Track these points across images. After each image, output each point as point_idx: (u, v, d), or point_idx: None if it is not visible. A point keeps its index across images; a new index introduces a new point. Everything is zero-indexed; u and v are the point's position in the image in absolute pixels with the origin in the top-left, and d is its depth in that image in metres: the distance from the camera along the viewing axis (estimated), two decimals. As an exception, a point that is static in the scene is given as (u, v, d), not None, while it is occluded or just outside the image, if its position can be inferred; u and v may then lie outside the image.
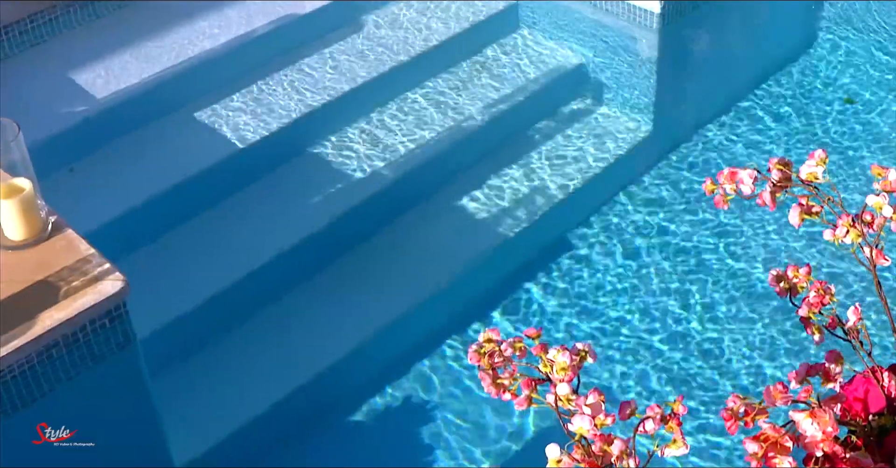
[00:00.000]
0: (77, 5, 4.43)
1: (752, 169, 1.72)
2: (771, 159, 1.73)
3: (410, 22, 4.60)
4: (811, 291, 1.69)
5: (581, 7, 4.56)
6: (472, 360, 1.57)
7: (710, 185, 1.75)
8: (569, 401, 1.49)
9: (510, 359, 1.56)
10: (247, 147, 3.98)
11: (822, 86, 4.74)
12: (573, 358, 1.52)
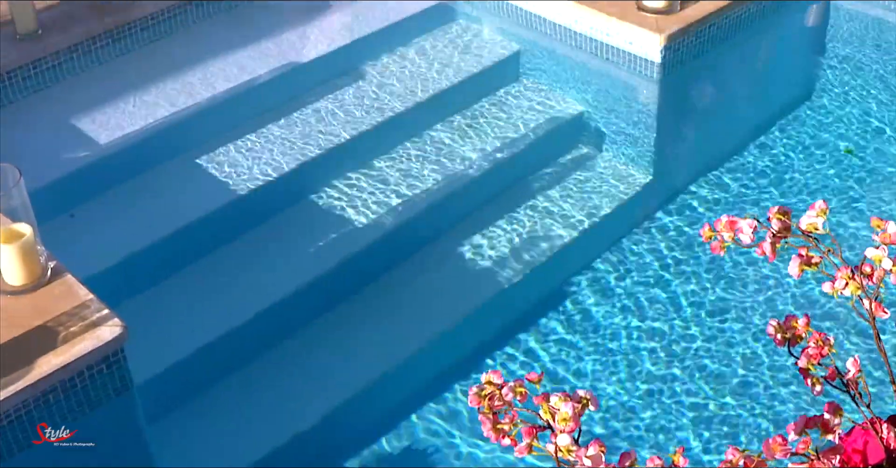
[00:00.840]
0: (80, 52, 4.46)
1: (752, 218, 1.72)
2: (771, 209, 1.73)
3: (412, 70, 4.63)
4: (810, 342, 1.69)
5: (582, 56, 4.59)
6: (472, 403, 1.56)
7: (708, 232, 1.75)
8: (569, 451, 1.48)
9: (511, 404, 1.56)
10: (247, 193, 3.98)
11: (822, 135, 4.75)
12: (575, 406, 1.52)
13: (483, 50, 4.76)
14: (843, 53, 5.15)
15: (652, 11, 4.41)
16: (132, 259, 3.71)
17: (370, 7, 4.98)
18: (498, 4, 4.81)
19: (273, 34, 4.71)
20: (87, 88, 4.41)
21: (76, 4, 4.64)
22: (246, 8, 4.89)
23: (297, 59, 4.55)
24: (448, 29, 4.90)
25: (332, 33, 4.75)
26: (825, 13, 5.25)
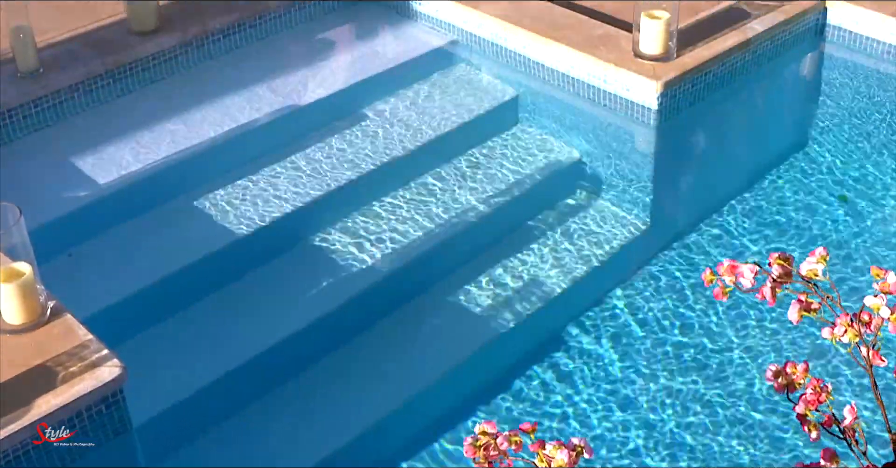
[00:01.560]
0: (80, 91, 4.49)
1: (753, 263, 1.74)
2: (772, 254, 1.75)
3: (411, 114, 4.66)
4: (808, 389, 1.70)
5: (579, 102, 4.63)
6: (467, 454, 1.57)
7: (710, 276, 1.77)
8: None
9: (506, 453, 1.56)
10: (247, 235, 3.99)
11: (817, 182, 4.78)
12: (570, 454, 1.53)
13: (482, 95, 4.79)
14: (838, 102, 5.18)
15: (649, 58, 4.45)
16: (132, 299, 3.72)
17: (370, 51, 5.02)
18: (497, 50, 4.85)
19: (273, 77, 4.75)
20: (88, 128, 4.44)
21: (77, 43, 4.68)
22: (247, 50, 4.93)
23: (296, 101, 4.58)
24: (447, 74, 4.94)
25: (331, 77, 4.79)
26: (820, 63, 5.29)
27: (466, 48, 4.98)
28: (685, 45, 4.55)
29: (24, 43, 4.41)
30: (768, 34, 4.80)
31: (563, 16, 4.80)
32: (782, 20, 4.84)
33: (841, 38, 5.08)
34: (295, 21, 5.08)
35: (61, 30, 4.85)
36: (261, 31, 4.98)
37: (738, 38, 4.68)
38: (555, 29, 4.69)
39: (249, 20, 4.93)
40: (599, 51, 4.53)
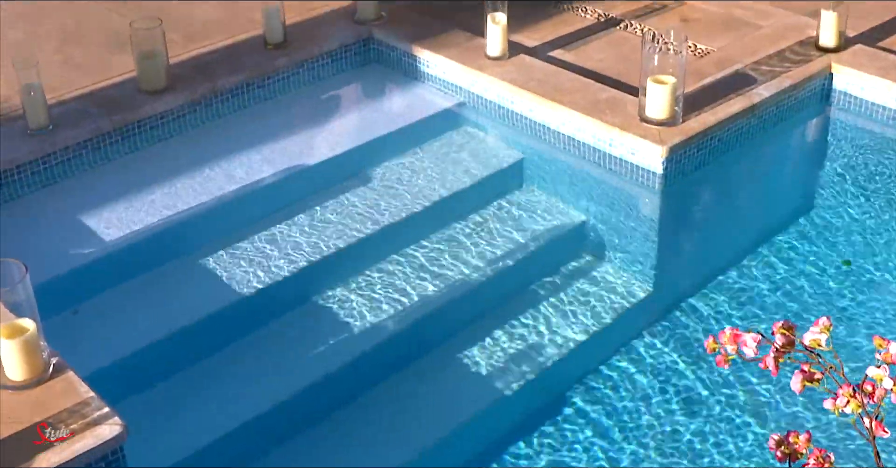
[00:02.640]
0: (89, 148, 4.52)
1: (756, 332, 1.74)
2: (775, 323, 1.75)
3: (417, 175, 4.68)
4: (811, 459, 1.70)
5: (585, 165, 4.65)
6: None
7: (713, 344, 1.77)
8: None
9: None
10: (250, 295, 4.00)
11: (821, 247, 4.78)
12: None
13: (487, 157, 4.81)
14: (844, 167, 5.19)
15: (654, 123, 4.47)
16: (134, 357, 3.72)
17: (377, 112, 5.06)
18: (503, 112, 4.88)
19: (281, 136, 4.78)
20: (95, 185, 4.46)
21: (87, 101, 4.72)
22: (255, 110, 4.97)
23: (303, 161, 4.60)
24: (454, 135, 4.96)
25: (338, 137, 4.81)
26: (826, 128, 5.31)
27: (473, 110, 5.01)
28: (691, 110, 4.57)
29: (34, 100, 4.45)
30: (774, 100, 4.82)
31: (570, 79, 4.83)
32: (788, 86, 4.87)
33: (846, 104, 5.10)
34: (303, 81, 5.13)
35: (71, 87, 4.90)
36: (269, 91, 5.03)
37: (744, 104, 4.70)
38: (561, 92, 4.72)
39: (258, 80, 4.98)
40: (605, 115, 4.55)
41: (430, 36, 5.22)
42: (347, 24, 5.36)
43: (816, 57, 5.08)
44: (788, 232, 4.89)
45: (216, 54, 5.14)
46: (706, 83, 4.85)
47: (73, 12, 5.78)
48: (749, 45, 5.21)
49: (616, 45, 5.31)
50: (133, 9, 5.73)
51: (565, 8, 5.72)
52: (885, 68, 4.97)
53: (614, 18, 5.59)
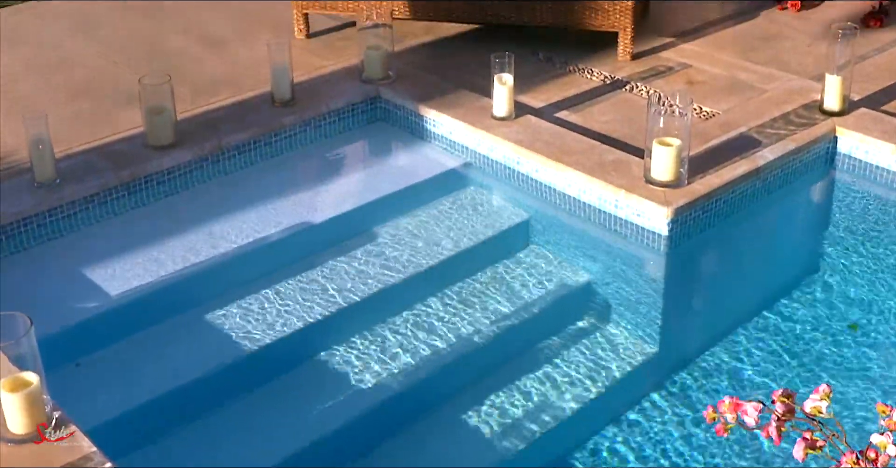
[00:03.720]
0: (95, 202, 4.54)
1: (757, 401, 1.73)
2: (774, 392, 1.74)
3: (422, 235, 4.68)
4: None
5: (590, 226, 4.66)
6: None
7: (712, 414, 1.77)
8: None
9: None
10: (255, 351, 3.98)
11: (826, 311, 4.78)
12: None
13: (493, 217, 4.82)
14: (849, 230, 5.20)
15: (660, 185, 4.49)
16: (138, 412, 3.70)
17: (383, 170, 5.08)
18: (509, 173, 4.90)
19: (287, 193, 4.79)
20: (101, 239, 4.47)
21: (94, 155, 4.75)
22: (261, 166, 4.99)
23: (309, 218, 4.61)
24: (459, 195, 4.97)
25: (344, 195, 4.82)
26: (830, 191, 5.33)
27: (479, 170, 5.03)
28: (696, 172, 4.59)
29: (42, 154, 4.47)
30: (779, 162, 4.84)
31: (576, 140, 4.86)
32: (793, 149, 4.89)
33: (851, 167, 5.12)
34: (309, 139, 5.15)
35: (79, 141, 4.93)
36: (275, 148, 5.05)
37: (749, 166, 4.72)
38: (567, 153, 4.74)
39: (264, 137, 5.00)
40: (611, 176, 4.57)
41: (437, 96, 5.25)
42: (355, 83, 5.40)
43: (821, 120, 5.11)
44: (794, 295, 4.88)
45: (224, 111, 5.18)
46: (711, 145, 4.87)
47: (83, 67, 5.83)
48: (754, 108, 5.25)
49: (622, 107, 5.35)
50: (143, 64, 5.79)
51: (571, 70, 5.77)
52: (889, 132, 4.99)
53: (620, 80, 5.63)
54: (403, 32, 6.07)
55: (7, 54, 6.03)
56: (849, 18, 6.38)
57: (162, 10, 6.66)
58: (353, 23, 5.71)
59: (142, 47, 6.09)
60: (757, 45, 6.08)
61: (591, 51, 5.93)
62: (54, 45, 6.16)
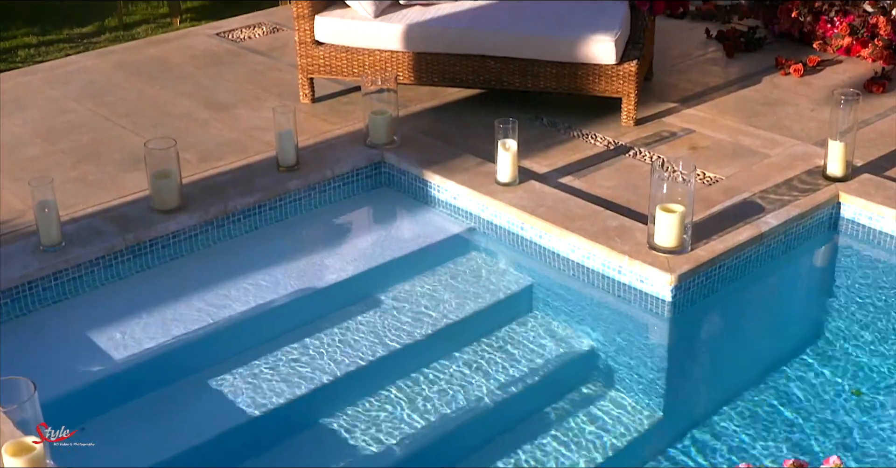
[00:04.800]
0: (101, 265, 4.56)
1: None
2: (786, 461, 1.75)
3: (425, 300, 4.68)
4: None
5: (593, 292, 4.67)
6: None
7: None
8: None
9: None
10: (258, 417, 3.97)
11: (831, 376, 4.76)
12: None
13: (497, 282, 4.82)
14: (853, 296, 5.20)
15: (663, 251, 4.50)
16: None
17: (387, 236, 5.09)
18: (513, 238, 4.92)
19: (292, 258, 4.82)
20: (106, 302, 4.49)
21: (100, 219, 4.78)
22: (266, 231, 5.01)
23: (313, 284, 4.62)
24: (464, 260, 4.98)
25: (348, 260, 4.83)
26: (834, 256, 5.34)
27: (483, 235, 5.05)
28: (699, 238, 4.60)
29: (48, 217, 4.50)
30: (782, 228, 4.86)
31: (579, 206, 4.88)
32: (796, 214, 4.91)
33: (855, 233, 5.13)
34: (314, 204, 5.18)
35: (85, 205, 4.97)
36: (280, 213, 5.07)
37: (752, 232, 4.73)
38: (571, 219, 4.76)
39: (270, 202, 5.03)
40: (615, 242, 4.58)
41: (441, 161, 5.28)
42: (360, 148, 5.43)
43: (824, 186, 5.13)
44: (798, 360, 4.87)
45: (229, 175, 5.21)
46: (715, 211, 4.90)
47: (89, 130, 5.87)
48: (757, 173, 5.27)
49: (625, 173, 5.37)
50: (149, 128, 5.83)
51: (575, 135, 5.80)
52: (892, 198, 5.02)
53: (623, 146, 5.66)
54: (408, 97, 6.11)
55: (15, 117, 6.08)
56: (851, 83, 6.43)
57: (168, 74, 6.71)
58: (358, 87, 5.75)
59: (148, 111, 6.13)
60: (760, 110, 6.11)
61: (595, 116, 5.97)
62: (61, 108, 6.21)
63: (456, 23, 5.90)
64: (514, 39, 5.76)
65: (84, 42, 8.50)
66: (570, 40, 5.69)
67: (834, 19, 6.94)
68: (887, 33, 6.71)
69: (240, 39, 7.31)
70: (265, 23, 7.59)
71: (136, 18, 9.10)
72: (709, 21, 7.53)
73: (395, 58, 5.90)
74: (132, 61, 6.97)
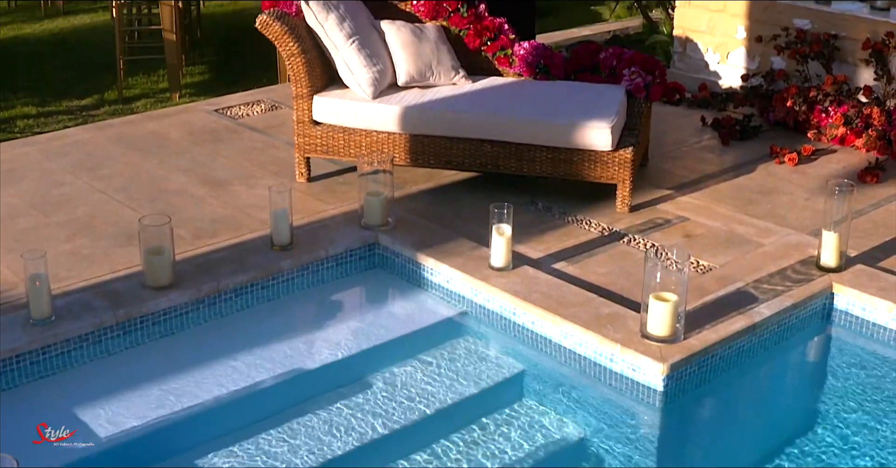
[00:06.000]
0: (90, 341, 4.54)
1: None
2: None
3: (416, 385, 4.64)
4: None
5: (585, 380, 4.64)
6: None
7: None
8: None
9: None
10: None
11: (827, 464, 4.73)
12: None
13: (488, 368, 4.79)
14: (846, 387, 5.17)
15: (656, 340, 4.49)
16: None
17: (379, 318, 5.08)
18: (505, 323, 4.91)
19: (282, 338, 4.80)
20: (93, 379, 4.48)
21: (91, 294, 4.77)
22: (257, 310, 5.00)
23: (303, 364, 4.61)
24: (456, 344, 4.95)
25: (339, 341, 4.82)
26: (827, 347, 5.33)
27: (475, 320, 5.03)
28: (692, 327, 4.60)
29: (39, 291, 4.49)
30: (775, 318, 4.85)
31: (573, 293, 4.87)
32: (790, 305, 4.90)
33: (848, 324, 5.13)
34: (307, 284, 5.17)
35: (77, 279, 4.97)
36: (273, 292, 5.07)
37: (745, 322, 4.72)
38: (564, 306, 4.75)
39: (262, 281, 5.03)
40: (607, 330, 4.57)
41: (435, 244, 5.28)
42: (354, 229, 5.44)
43: (818, 276, 5.14)
44: (790, 452, 4.83)
45: (223, 253, 5.22)
46: (708, 300, 4.89)
47: (84, 204, 5.88)
48: (751, 262, 5.28)
49: (619, 259, 5.37)
50: (144, 203, 5.84)
51: (570, 220, 5.81)
52: (885, 289, 5.02)
53: (618, 232, 5.67)
54: (404, 178, 6.13)
55: (11, 187, 6.09)
56: (846, 172, 6.46)
57: (166, 149, 6.74)
58: (355, 167, 5.76)
59: (144, 186, 6.14)
60: (754, 199, 6.13)
61: (590, 201, 5.98)
62: (58, 180, 6.22)
63: (453, 106, 5.93)
64: (510, 124, 5.80)
65: (83, 114, 8.55)
66: (566, 126, 5.73)
67: (828, 109, 7.00)
68: (881, 124, 6.76)
69: (238, 116, 7.35)
70: (264, 100, 7.63)
71: (135, 92, 9.16)
72: (704, 108, 7.59)
73: (392, 139, 5.93)
74: (130, 135, 7.00)
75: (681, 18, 8.25)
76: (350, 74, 5.97)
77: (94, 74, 9.58)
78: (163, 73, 9.37)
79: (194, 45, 10.51)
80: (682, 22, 8.24)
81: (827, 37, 7.30)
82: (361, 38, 6.00)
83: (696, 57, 8.14)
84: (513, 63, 6.38)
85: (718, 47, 8.01)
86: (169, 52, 8.98)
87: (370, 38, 6.07)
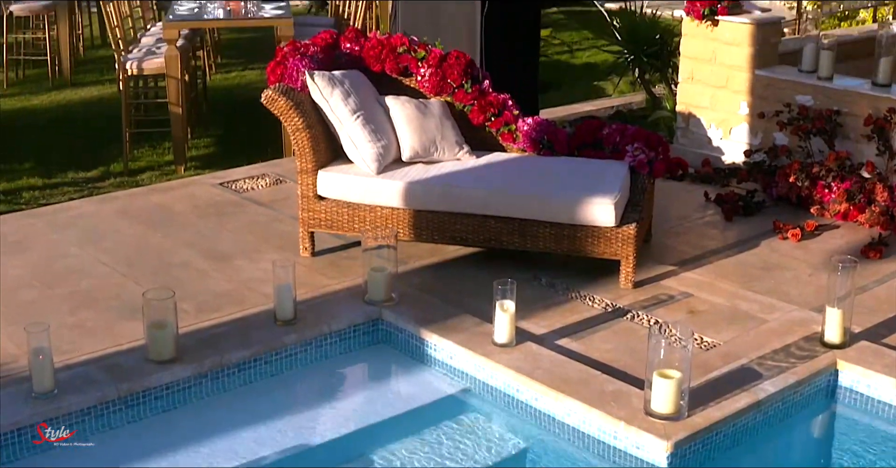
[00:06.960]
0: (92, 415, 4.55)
1: None
2: None
3: (419, 460, 4.61)
4: None
5: (589, 457, 4.61)
6: None
7: None
8: None
9: None
10: None
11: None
12: None
13: (491, 445, 4.76)
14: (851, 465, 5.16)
15: (660, 417, 4.47)
16: None
17: (383, 394, 5.08)
18: (508, 400, 4.88)
19: (285, 414, 4.78)
20: (95, 453, 4.47)
21: (94, 367, 4.76)
22: (261, 385, 4.99)
23: (306, 441, 4.59)
24: (458, 421, 4.92)
25: (342, 418, 4.82)
26: (832, 424, 5.30)
27: (478, 396, 5.01)
28: (696, 405, 4.57)
29: (42, 364, 4.49)
30: (779, 396, 4.83)
31: (576, 370, 4.86)
32: (794, 382, 4.88)
33: (853, 401, 5.10)
34: (310, 359, 5.16)
35: (80, 352, 4.97)
36: (276, 367, 5.05)
37: (750, 400, 4.70)
38: (567, 383, 4.73)
39: (265, 356, 5.02)
40: (611, 407, 4.55)
41: (438, 320, 5.28)
42: (358, 304, 5.44)
43: (822, 353, 5.12)
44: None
45: (226, 327, 5.22)
46: (712, 377, 4.87)
47: (88, 277, 5.89)
48: (755, 339, 5.27)
49: (623, 336, 5.36)
50: (148, 276, 5.85)
51: (573, 296, 5.80)
52: (890, 366, 5.00)
53: (621, 308, 5.66)
54: (408, 253, 6.13)
55: (15, 259, 6.11)
56: (849, 248, 6.47)
57: (170, 222, 6.76)
58: (359, 242, 5.77)
59: (148, 259, 6.16)
60: (758, 275, 6.13)
61: (594, 277, 5.98)
62: (62, 252, 6.24)
63: (457, 182, 5.96)
64: (514, 200, 5.81)
65: (88, 186, 8.58)
66: (569, 202, 5.74)
67: (831, 185, 7.02)
68: (884, 200, 6.77)
69: (243, 190, 7.38)
70: (269, 174, 7.67)
71: (140, 165, 9.20)
72: (707, 184, 7.60)
73: (396, 214, 5.95)
74: (135, 208, 7.03)
75: (683, 94, 8.30)
76: (354, 149, 6.01)
77: (101, 146, 9.63)
78: (168, 146, 9.42)
79: (200, 118, 10.57)
80: (684, 98, 8.29)
81: (829, 113, 7.33)
82: (366, 113, 6.04)
83: (699, 132, 8.19)
84: (517, 139, 6.41)
85: (721, 123, 8.05)
86: (175, 125, 9.03)
87: (375, 114, 6.11)
